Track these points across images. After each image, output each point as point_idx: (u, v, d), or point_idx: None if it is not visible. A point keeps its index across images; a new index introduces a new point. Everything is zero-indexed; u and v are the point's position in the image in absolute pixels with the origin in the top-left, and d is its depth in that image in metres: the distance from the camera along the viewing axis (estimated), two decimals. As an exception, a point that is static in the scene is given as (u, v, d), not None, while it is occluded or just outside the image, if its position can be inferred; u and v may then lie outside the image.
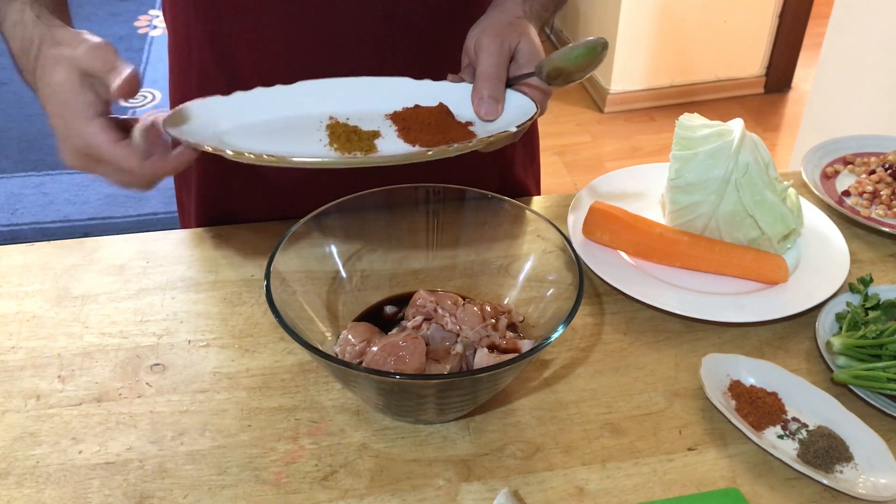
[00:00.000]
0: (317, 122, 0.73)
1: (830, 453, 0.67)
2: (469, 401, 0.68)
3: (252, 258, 0.89)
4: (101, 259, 0.89)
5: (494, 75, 0.71)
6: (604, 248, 0.90)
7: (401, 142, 0.70)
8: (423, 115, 0.73)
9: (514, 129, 0.68)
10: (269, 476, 0.67)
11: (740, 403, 0.72)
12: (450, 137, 0.70)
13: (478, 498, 0.65)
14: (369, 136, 0.71)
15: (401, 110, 0.74)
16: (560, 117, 3.06)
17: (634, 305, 0.84)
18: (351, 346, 0.70)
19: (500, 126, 0.71)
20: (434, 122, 0.72)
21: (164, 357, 0.77)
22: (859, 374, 0.73)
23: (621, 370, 0.77)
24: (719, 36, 3.04)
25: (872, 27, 2.04)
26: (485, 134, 0.69)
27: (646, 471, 0.68)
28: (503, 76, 0.72)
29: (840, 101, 2.21)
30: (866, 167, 1.06)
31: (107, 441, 0.69)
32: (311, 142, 0.70)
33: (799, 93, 3.23)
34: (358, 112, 0.74)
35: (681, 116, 0.91)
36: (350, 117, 0.74)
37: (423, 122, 0.72)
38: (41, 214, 2.48)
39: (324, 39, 0.84)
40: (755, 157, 0.86)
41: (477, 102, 0.71)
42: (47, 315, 0.82)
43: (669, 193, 0.90)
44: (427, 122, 0.72)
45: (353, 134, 0.71)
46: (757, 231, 0.87)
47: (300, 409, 0.72)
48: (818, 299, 0.83)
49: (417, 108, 0.74)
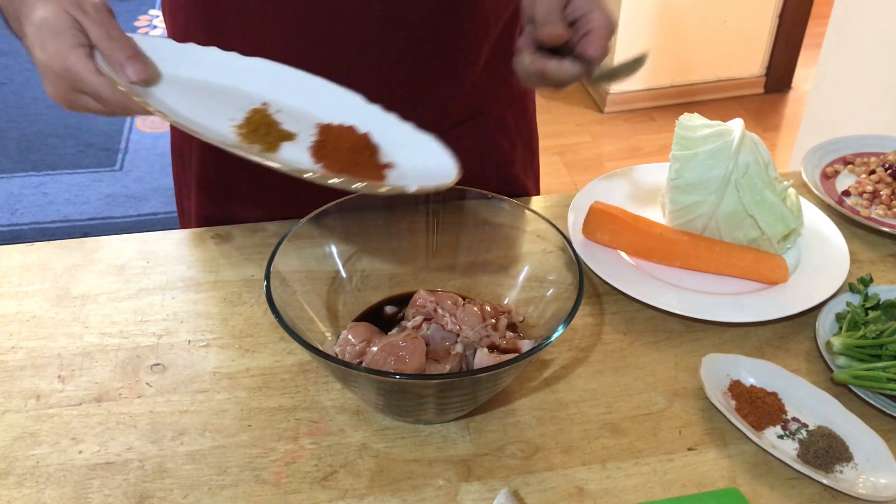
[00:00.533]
0: (246, 102, 0.71)
1: (830, 453, 0.67)
2: (469, 401, 0.68)
3: (252, 258, 0.89)
4: (101, 259, 0.89)
5: (549, 22, 0.70)
6: (604, 248, 0.90)
7: (306, 154, 0.68)
8: (345, 138, 0.70)
9: (414, 188, 0.65)
10: (269, 476, 0.67)
11: (740, 403, 0.72)
12: (352, 170, 0.67)
13: (478, 498, 0.65)
14: (280, 136, 0.68)
15: (334, 125, 0.71)
16: (560, 117, 3.06)
17: (634, 305, 0.84)
18: (351, 346, 0.70)
19: (404, 182, 0.67)
20: (348, 149, 0.69)
21: (164, 357, 0.77)
22: (859, 374, 0.73)
23: (621, 370, 0.77)
24: (719, 36, 3.04)
25: (872, 27, 2.04)
26: (384, 188, 0.65)
27: (646, 471, 0.68)
28: (560, 18, 0.71)
29: (840, 101, 2.21)
30: (866, 167, 1.06)
31: (107, 441, 0.69)
32: (224, 118, 0.68)
33: (799, 93, 3.23)
34: (293, 108, 0.71)
35: (681, 116, 0.91)
36: (282, 110, 0.71)
37: (339, 145, 0.69)
38: (41, 214, 2.48)
39: (322, 38, 0.84)
40: (755, 157, 0.86)
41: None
42: (47, 315, 0.82)
43: (669, 193, 0.90)
44: (342, 147, 0.69)
45: (265, 127, 0.69)
46: (757, 231, 0.87)
47: (300, 409, 0.72)
48: (818, 299, 0.83)
49: (348, 129, 0.71)
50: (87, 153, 2.78)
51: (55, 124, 2.92)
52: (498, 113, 1.00)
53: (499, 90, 0.98)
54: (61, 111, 2.99)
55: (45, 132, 2.88)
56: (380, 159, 0.70)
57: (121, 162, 2.74)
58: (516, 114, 1.03)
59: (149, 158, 2.75)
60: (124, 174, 2.68)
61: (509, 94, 1.00)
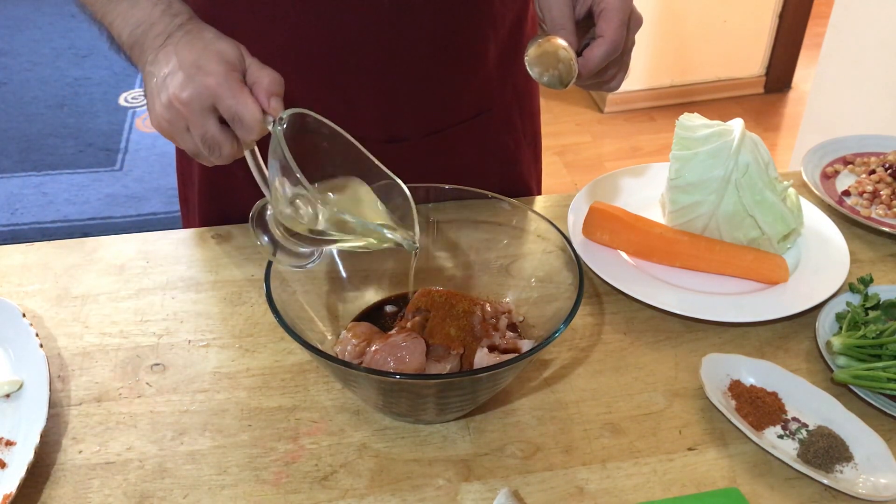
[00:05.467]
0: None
1: (830, 453, 0.67)
2: (469, 401, 0.68)
3: (252, 258, 0.89)
4: (101, 259, 0.89)
5: (562, 26, 0.72)
6: (604, 248, 0.90)
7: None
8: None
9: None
10: (269, 476, 0.67)
11: (740, 403, 0.72)
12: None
13: (478, 498, 0.65)
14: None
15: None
16: (560, 117, 3.06)
17: (634, 305, 0.84)
18: (351, 346, 0.70)
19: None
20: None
21: (164, 357, 0.77)
22: (859, 374, 0.73)
23: (621, 370, 0.77)
24: (719, 36, 3.04)
25: (872, 27, 2.04)
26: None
27: (646, 471, 0.68)
28: (571, 25, 0.73)
29: (840, 101, 2.21)
30: (866, 167, 1.06)
31: (107, 441, 0.69)
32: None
33: (799, 93, 3.23)
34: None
35: (681, 116, 0.91)
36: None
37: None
38: (41, 214, 2.48)
39: (331, 33, 0.84)
40: (755, 157, 0.86)
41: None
42: (47, 315, 0.82)
43: (669, 193, 0.90)
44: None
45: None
46: (757, 231, 0.87)
47: (300, 409, 0.72)
48: (818, 299, 0.83)
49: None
50: (87, 153, 2.77)
51: (55, 124, 2.92)
52: (504, 112, 1.00)
53: (505, 89, 0.98)
54: (61, 111, 2.99)
55: (45, 132, 2.88)
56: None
57: (121, 162, 2.74)
58: (521, 113, 1.03)
59: (149, 158, 2.75)
60: (124, 174, 2.68)
61: (515, 93, 1.00)
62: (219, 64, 0.66)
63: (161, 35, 0.69)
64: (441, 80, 0.91)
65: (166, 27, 0.69)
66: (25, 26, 3.61)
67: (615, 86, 0.79)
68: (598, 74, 0.76)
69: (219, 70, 0.65)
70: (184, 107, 0.66)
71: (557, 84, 0.72)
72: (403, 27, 0.85)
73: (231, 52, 0.67)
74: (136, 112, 3.00)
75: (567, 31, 0.72)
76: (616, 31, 0.72)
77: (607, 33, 0.72)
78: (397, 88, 0.89)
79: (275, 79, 0.67)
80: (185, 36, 0.68)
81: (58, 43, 3.48)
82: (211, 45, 0.67)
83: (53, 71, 3.27)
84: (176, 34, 0.69)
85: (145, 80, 0.70)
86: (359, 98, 0.88)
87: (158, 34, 0.69)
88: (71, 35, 3.54)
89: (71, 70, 3.28)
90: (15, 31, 3.56)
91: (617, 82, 0.78)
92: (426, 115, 0.93)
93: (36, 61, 3.33)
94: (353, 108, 0.89)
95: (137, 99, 3.09)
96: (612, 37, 0.72)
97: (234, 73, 0.66)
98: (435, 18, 0.86)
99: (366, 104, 0.89)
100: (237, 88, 0.65)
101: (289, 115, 0.65)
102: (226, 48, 0.67)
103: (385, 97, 0.89)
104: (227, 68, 0.66)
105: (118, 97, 3.09)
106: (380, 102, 0.89)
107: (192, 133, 0.67)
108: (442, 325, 0.71)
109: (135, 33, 0.70)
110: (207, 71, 0.65)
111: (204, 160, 0.70)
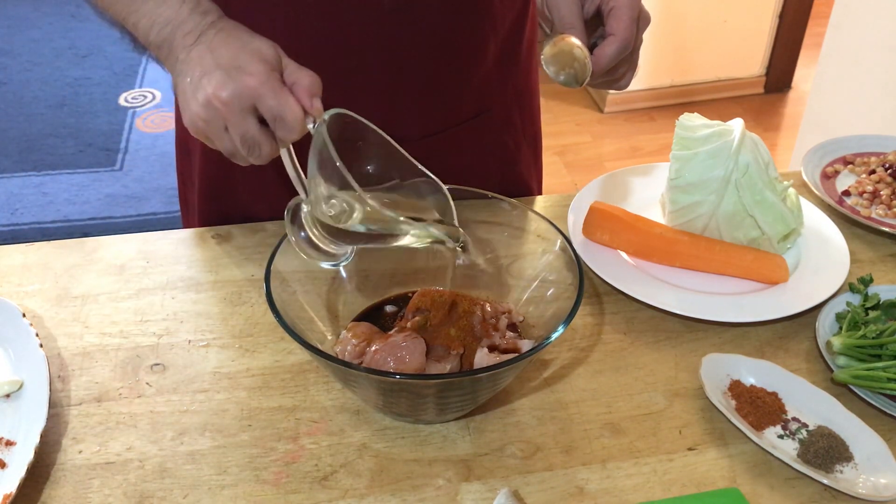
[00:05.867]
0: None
1: (830, 453, 0.67)
2: (469, 401, 0.68)
3: (252, 258, 0.89)
4: (101, 259, 0.89)
5: (572, 25, 0.73)
6: (604, 248, 0.90)
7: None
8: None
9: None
10: (269, 476, 0.67)
11: (740, 403, 0.72)
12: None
13: (478, 498, 0.65)
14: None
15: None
16: (560, 117, 3.06)
17: (634, 305, 0.84)
18: (351, 346, 0.70)
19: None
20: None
21: (164, 357, 0.77)
22: (859, 374, 0.73)
23: (621, 370, 0.77)
24: (719, 36, 3.04)
25: (872, 27, 2.04)
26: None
27: (646, 471, 0.68)
28: (580, 24, 0.73)
29: (840, 101, 2.21)
30: (866, 167, 1.06)
31: (107, 441, 0.69)
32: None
33: (799, 93, 3.23)
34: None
35: (681, 116, 0.91)
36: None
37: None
38: (41, 214, 2.48)
39: (331, 34, 0.84)
40: (755, 157, 0.86)
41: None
42: (47, 315, 0.82)
43: (669, 193, 0.90)
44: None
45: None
46: (757, 231, 0.87)
47: (300, 409, 0.72)
48: (818, 299, 0.83)
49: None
50: (87, 153, 2.77)
51: (55, 124, 2.92)
52: (504, 112, 1.00)
53: (505, 89, 0.98)
54: (61, 111, 2.99)
55: (45, 132, 2.88)
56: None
57: (121, 162, 2.74)
58: (522, 113, 1.03)
59: (149, 158, 2.75)
60: (124, 174, 2.68)
61: (516, 93, 1.00)
62: (259, 63, 0.65)
63: (192, 33, 0.68)
64: (441, 80, 0.91)
65: (196, 25, 0.68)
66: (25, 26, 3.61)
67: (624, 84, 0.79)
68: (609, 73, 0.76)
69: (260, 70, 0.64)
70: (224, 106, 0.65)
71: (573, 82, 0.72)
72: (404, 28, 0.85)
73: (269, 51, 0.66)
74: (136, 112, 3.00)
75: (577, 29, 0.72)
76: (626, 29, 0.72)
77: (618, 31, 0.72)
78: (397, 89, 0.89)
79: (315, 80, 0.66)
80: (218, 34, 0.67)
81: (58, 43, 3.48)
82: (248, 44, 0.66)
83: (53, 71, 3.27)
84: (208, 32, 0.68)
85: (176, 80, 0.69)
86: (359, 99, 0.88)
87: (188, 32, 0.68)
88: (71, 35, 3.53)
89: (71, 70, 3.28)
90: (15, 31, 3.56)
91: (626, 80, 0.78)
92: (426, 116, 0.93)
93: (36, 61, 3.33)
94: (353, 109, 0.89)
95: (137, 99, 3.09)
96: (623, 35, 0.72)
97: (275, 74, 0.65)
98: (435, 19, 0.86)
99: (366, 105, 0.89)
100: (279, 89, 0.64)
101: (331, 115, 0.65)
102: (264, 47, 0.67)
103: (385, 98, 0.89)
104: (267, 68, 0.65)
105: (118, 97, 3.09)
106: (380, 103, 0.89)
107: (231, 133, 0.66)
108: (442, 325, 0.71)
109: (163, 32, 0.69)
110: (248, 71, 0.64)
111: (241, 160, 0.69)
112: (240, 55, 0.65)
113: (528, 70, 1.01)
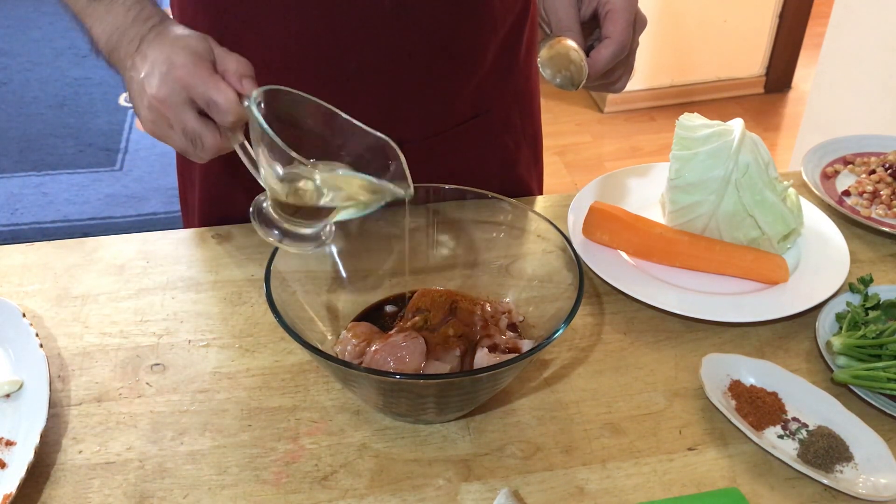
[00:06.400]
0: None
1: (830, 453, 0.67)
2: (469, 401, 0.68)
3: (252, 258, 0.89)
4: (101, 259, 0.89)
5: (568, 28, 0.73)
6: (604, 248, 0.90)
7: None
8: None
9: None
10: (269, 476, 0.67)
11: (740, 403, 0.72)
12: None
13: (478, 498, 0.65)
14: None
15: None
16: (560, 117, 3.06)
17: (634, 305, 0.84)
18: (351, 346, 0.70)
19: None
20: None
21: (164, 357, 0.77)
22: (859, 374, 0.73)
23: (621, 370, 0.77)
24: (719, 36, 3.04)
25: (872, 27, 2.04)
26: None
27: (646, 471, 0.68)
28: (577, 27, 0.74)
29: (840, 101, 2.21)
30: (866, 167, 1.06)
31: (107, 441, 0.69)
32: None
33: (799, 93, 3.23)
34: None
35: (681, 116, 0.91)
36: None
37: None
38: (41, 214, 2.48)
39: (332, 32, 0.84)
40: (755, 157, 0.86)
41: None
42: (47, 315, 0.82)
43: (669, 193, 0.90)
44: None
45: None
46: (757, 231, 0.87)
47: (300, 409, 0.72)
48: (818, 299, 0.83)
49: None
50: (87, 153, 2.77)
51: (55, 124, 2.92)
52: (503, 112, 1.00)
53: (504, 90, 0.98)
54: (61, 111, 2.99)
55: (45, 132, 2.88)
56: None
57: (121, 162, 2.74)
58: (521, 114, 1.03)
59: (149, 158, 2.75)
60: (124, 174, 2.68)
61: (515, 93, 1.00)
62: (188, 56, 0.67)
63: (135, 40, 0.70)
64: (441, 81, 0.91)
65: (139, 31, 0.70)
66: (25, 26, 3.60)
67: (620, 87, 0.79)
68: (605, 76, 0.76)
69: (187, 62, 0.66)
70: (162, 105, 0.67)
71: (569, 85, 0.72)
72: (404, 29, 0.85)
73: (199, 44, 0.68)
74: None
75: (573, 32, 0.72)
76: (623, 31, 0.72)
77: (614, 34, 0.72)
78: (397, 90, 0.89)
79: (242, 62, 0.68)
80: (155, 37, 0.69)
81: (58, 43, 3.47)
82: (178, 40, 0.68)
83: (53, 71, 3.27)
84: (147, 37, 0.70)
85: (128, 87, 0.71)
86: (359, 100, 0.88)
87: (132, 39, 0.70)
88: (71, 35, 3.53)
89: (71, 70, 3.28)
90: (15, 31, 3.56)
91: (622, 83, 0.79)
92: (426, 117, 0.93)
93: (36, 61, 3.33)
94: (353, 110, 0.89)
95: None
96: (620, 38, 0.72)
97: (203, 62, 0.67)
98: (435, 20, 0.86)
99: (366, 106, 0.89)
100: (207, 76, 0.66)
101: (261, 91, 0.65)
102: (193, 41, 0.68)
103: (385, 99, 0.89)
104: (195, 59, 0.67)
105: (118, 97, 3.09)
106: (380, 104, 0.89)
107: (175, 129, 0.68)
108: (442, 325, 0.71)
109: (111, 39, 0.71)
110: (177, 65, 0.66)
111: (193, 157, 0.71)
112: (170, 53, 0.67)
113: (528, 71, 1.01)
